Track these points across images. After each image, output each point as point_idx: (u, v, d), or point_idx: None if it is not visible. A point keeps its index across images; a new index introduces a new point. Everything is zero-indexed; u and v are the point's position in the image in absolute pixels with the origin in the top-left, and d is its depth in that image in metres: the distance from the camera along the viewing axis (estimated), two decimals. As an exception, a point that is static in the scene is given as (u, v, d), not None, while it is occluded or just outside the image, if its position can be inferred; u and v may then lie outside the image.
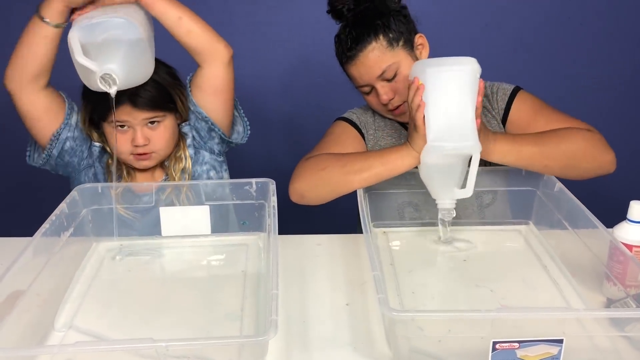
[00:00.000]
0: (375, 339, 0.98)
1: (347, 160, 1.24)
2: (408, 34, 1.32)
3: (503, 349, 0.84)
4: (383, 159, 1.21)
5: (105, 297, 1.11)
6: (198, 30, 1.28)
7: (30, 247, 1.00)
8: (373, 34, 1.29)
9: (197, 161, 1.42)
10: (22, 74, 1.25)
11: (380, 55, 1.29)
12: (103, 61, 1.14)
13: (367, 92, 1.35)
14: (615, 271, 1.01)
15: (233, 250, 1.27)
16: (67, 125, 1.32)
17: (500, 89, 1.37)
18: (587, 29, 2.02)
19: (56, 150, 1.33)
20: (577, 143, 1.22)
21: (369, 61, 1.29)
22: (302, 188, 1.25)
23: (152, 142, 1.32)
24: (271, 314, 0.81)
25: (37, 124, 1.31)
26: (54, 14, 1.19)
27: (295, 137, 2.16)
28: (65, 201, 1.18)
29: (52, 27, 1.20)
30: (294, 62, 2.05)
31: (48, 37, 1.21)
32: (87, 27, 1.14)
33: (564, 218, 1.18)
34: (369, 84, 1.32)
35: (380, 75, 1.30)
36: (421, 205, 1.32)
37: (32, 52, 1.23)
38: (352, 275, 1.17)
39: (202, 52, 1.30)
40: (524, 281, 1.14)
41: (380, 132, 1.42)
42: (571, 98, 2.06)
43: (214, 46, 1.30)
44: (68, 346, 0.80)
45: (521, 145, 1.20)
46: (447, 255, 1.23)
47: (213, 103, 1.37)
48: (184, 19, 1.26)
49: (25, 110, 1.29)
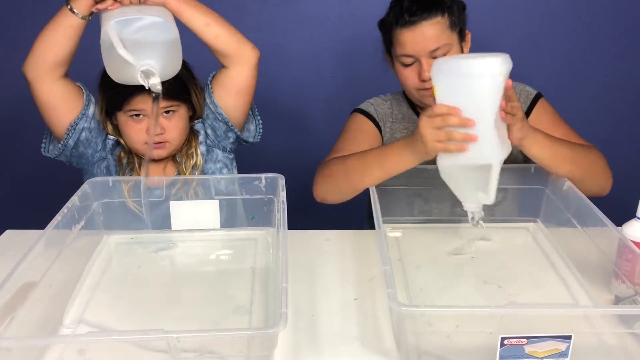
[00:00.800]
0: (383, 334, 0.99)
1: (348, 164, 1.26)
2: (463, 25, 1.33)
3: (511, 345, 0.85)
4: (381, 160, 1.21)
5: (115, 290, 1.12)
6: (225, 35, 1.30)
7: (42, 240, 1.02)
8: (441, 9, 1.28)
9: (211, 159, 1.43)
10: (42, 62, 1.26)
11: (441, 32, 1.28)
12: (140, 57, 1.16)
13: (408, 64, 1.32)
14: (624, 269, 1.01)
15: (242, 245, 1.28)
16: (84, 116, 1.34)
17: (524, 91, 1.38)
18: (596, 28, 2.02)
19: (72, 141, 1.35)
20: (598, 159, 1.28)
21: (429, 32, 1.27)
22: (320, 193, 1.31)
23: (167, 131, 1.34)
24: (281, 306, 0.82)
25: (54, 113, 1.32)
26: (82, 6, 1.21)
27: (304, 133, 2.16)
28: (77, 194, 1.19)
29: (79, 18, 1.22)
30: (304, 58, 2.05)
31: (73, 27, 1.23)
32: (124, 21, 1.15)
33: (572, 216, 1.18)
34: (416, 55, 1.29)
35: (433, 50, 1.28)
36: (431, 198, 1.32)
37: (55, 41, 1.25)
38: (361, 270, 1.18)
39: (229, 56, 1.33)
40: (532, 278, 1.14)
41: (397, 125, 1.42)
42: (580, 96, 2.06)
43: (241, 49, 1.33)
44: (80, 336, 0.81)
45: (558, 144, 1.21)
46: (455, 252, 1.24)
47: (235, 103, 1.39)
48: (212, 24, 1.28)
49: (43, 99, 1.30)
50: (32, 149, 1.35)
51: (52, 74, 1.28)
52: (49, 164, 1.46)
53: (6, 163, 2.17)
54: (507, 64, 1.05)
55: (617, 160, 1.38)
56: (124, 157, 1.38)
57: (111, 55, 1.16)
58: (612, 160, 1.33)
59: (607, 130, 2.06)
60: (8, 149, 2.14)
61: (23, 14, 1.98)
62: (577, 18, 2.01)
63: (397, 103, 1.46)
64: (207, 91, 1.40)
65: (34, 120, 1.40)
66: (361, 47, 2.02)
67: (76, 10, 1.22)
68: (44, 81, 1.28)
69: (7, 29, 1.98)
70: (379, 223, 1.07)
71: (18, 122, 2.04)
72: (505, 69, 1.04)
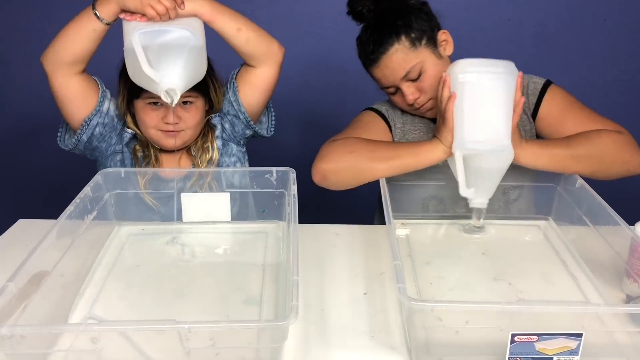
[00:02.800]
0: (392, 328, 0.99)
1: (376, 146, 1.25)
2: (431, 31, 1.30)
3: (522, 342, 0.85)
4: (412, 150, 1.22)
5: (126, 280, 1.13)
6: (255, 38, 1.31)
7: (54, 229, 1.02)
8: (395, 35, 1.27)
9: (226, 153, 1.44)
10: (60, 57, 1.27)
11: (404, 57, 1.28)
12: (164, 71, 1.16)
13: (393, 93, 1.35)
14: (636, 268, 1.01)
15: (252, 238, 1.29)
16: (98, 112, 1.35)
17: (531, 83, 1.35)
18: (610, 25, 2.00)
19: (86, 136, 1.36)
20: (607, 146, 1.21)
21: (392, 63, 1.28)
22: (326, 169, 1.24)
23: (183, 120, 1.34)
24: (292, 299, 0.82)
25: (69, 106, 1.33)
26: (108, 13, 1.22)
27: (315, 127, 2.16)
28: (89, 185, 1.19)
29: (103, 24, 1.23)
30: (315, 52, 2.05)
31: (96, 32, 1.24)
32: (149, 33, 1.16)
33: (584, 214, 1.18)
34: (394, 85, 1.32)
35: (404, 77, 1.29)
36: (446, 198, 1.32)
37: (75, 41, 1.26)
38: (371, 265, 1.18)
39: (258, 57, 1.34)
40: (543, 276, 1.14)
41: (408, 126, 1.41)
42: (592, 94, 2.04)
43: (269, 50, 1.35)
44: (93, 325, 0.81)
45: (552, 149, 1.21)
46: (466, 248, 1.23)
47: (258, 100, 1.41)
48: (243, 29, 1.29)
49: (59, 92, 1.31)
50: (47, 142, 1.36)
51: (69, 70, 1.29)
52: (63, 156, 1.47)
53: (21, 154, 2.19)
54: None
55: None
56: (139, 150, 1.39)
57: (135, 65, 1.17)
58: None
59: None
60: (24, 141, 2.16)
61: (45, 10, 1.99)
62: (592, 15, 2.00)
63: None
64: (232, 88, 1.40)
65: (50, 114, 1.41)
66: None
67: (101, 16, 1.22)
68: (61, 75, 1.29)
69: (28, 25, 2.00)
70: (389, 218, 1.07)
71: (35, 117, 2.06)
72: (517, 72, 1.18)
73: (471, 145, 1.15)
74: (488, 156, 1.15)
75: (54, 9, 1.97)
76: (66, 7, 1.34)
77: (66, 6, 1.35)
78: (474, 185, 1.17)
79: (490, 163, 1.16)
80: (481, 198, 1.19)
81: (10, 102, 2.08)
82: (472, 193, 1.17)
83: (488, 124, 1.16)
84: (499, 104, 1.15)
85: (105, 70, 1.37)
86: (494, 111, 1.16)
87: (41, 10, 1.99)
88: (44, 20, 1.98)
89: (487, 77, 1.16)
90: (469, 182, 1.16)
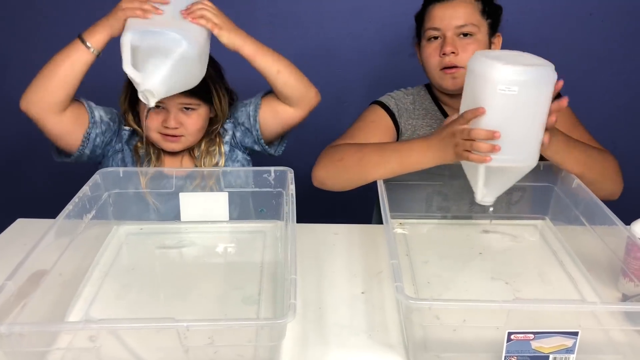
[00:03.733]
0: (390, 327, 0.99)
1: (365, 152, 1.25)
2: (494, 23, 1.36)
3: (518, 340, 0.85)
4: (401, 155, 1.21)
5: (124, 279, 1.13)
6: (294, 83, 1.31)
7: (53, 229, 1.02)
8: None
9: (230, 158, 1.43)
10: (48, 101, 1.23)
11: (472, 12, 1.32)
12: (147, 72, 1.13)
13: (433, 38, 1.34)
14: (631, 267, 1.01)
15: (251, 237, 1.29)
16: (94, 124, 1.33)
17: None
18: (608, 25, 2.01)
19: (88, 150, 1.34)
20: (611, 164, 1.28)
21: (460, 8, 1.31)
22: (322, 176, 1.29)
23: (184, 126, 1.33)
24: (290, 297, 0.82)
25: (66, 137, 1.31)
26: (99, 42, 1.21)
27: (313, 127, 2.16)
28: (88, 184, 1.20)
29: (94, 55, 1.22)
30: (314, 54, 2.05)
31: (87, 64, 1.22)
32: (143, 32, 1.13)
33: (581, 214, 1.18)
34: (444, 29, 1.32)
35: (460, 26, 1.31)
36: (450, 195, 1.33)
37: (65, 79, 1.22)
38: (369, 264, 1.18)
39: (293, 100, 1.34)
40: (540, 275, 1.14)
41: (419, 121, 1.41)
42: (592, 97, 2.05)
43: (305, 96, 1.34)
44: (92, 323, 0.82)
45: (572, 145, 1.22)
46: (463, 247, 1.24)
47: (276, 129, 1.41)
48: (282, 72, 1.29)
49: (51, 131, 1.28)
50: (45, 141, 1.35)
51: (60, 109, 1.25)
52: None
53: (19, 153, 2.19)
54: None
55: (628, 158, 1.38)
56: (141, 148, 1.39)
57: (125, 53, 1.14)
58: (623, 159, 1.33)
59: (618, 127, 2.05)
60: (22, 140, 2.16)
61: (44, 13, 1.99)
62: (589, 16, 2.00)
63: (420, 98, 1.46)
64: (255, 104, 1.39)
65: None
66: (372, 43, 2.02)
67: (91, 45, 1.20)
68: (52, 117, 1.25)
69: (32, 31, 1.99)
70: (386, 217, 1.07)
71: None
72: (554, 76, 1.05)
73: (498, 159, 1.06)
74: (512, 169, 1.10)
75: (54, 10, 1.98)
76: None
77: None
78: (489, 189, 1.13)
79: (513, 176, 1.12)
80: (491, 197, 1.16)
81: (7, 100, 2.08)
82: (484, 194, 1.14)
83: (518, 142, 1.06)
84: (534, 120, 1.06)
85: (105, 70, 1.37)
86: (528, 128, 1.06)
87: (39, 12, 2.00)
88: (41, 21, 1.98)
89: (532, 90, 1.02)
90: (485, 186, 1.13)
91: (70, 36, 1.24)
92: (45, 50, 1.26)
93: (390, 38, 2.00)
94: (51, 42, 1.29)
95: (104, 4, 1.24)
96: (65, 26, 1.31)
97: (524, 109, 1.04)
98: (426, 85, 1.48)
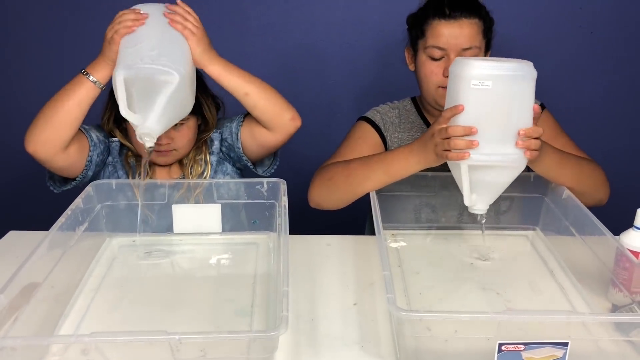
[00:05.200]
0: (382, 338, 1.00)
1: (351, 168, 1.26)
2: (489, 40, 1.37)
3: (509, 351, 0.86)
4: (386, 165, 1.22)
5: (117, 292, 1.13)
6: (264, 106, 1.29)
7: (46, 241, 1.03)
8: (479, 13, 1.32)
9: (220, 170, 1.43)
10: (58, 139, 1.22)
11: (476, 34, 1.31)
12: (145, 112, 1.12)
13: (436, 58, 1.32)
14: (621, 277, 1.02)
15: (243, 249, 1.29)
16: (94, 147, 1.32)
17: None
18: (597, 36, 2.03)
19: (91, 171, 1.34)
20: (598, 173, 1.30)
21: (466, 30, 1.30)
22: (316, 197, 1.31)
23: (174, 140, 1.34)
24: (282, 310, 0.83)
25: (72, 168, 1.31)
26: (105, 77, 1.20)
27: (306, 138, 2.17)
28: (81, 196, 1.20)
29: (100, 88, 1.21)
30: (305, 65, 2.06)
31: (94, 99, 1.22)
32: (134, 69, 1.11)
33: (571, 224, 1.20)
34: (449, 50, 1.30)
35: (465, 49, 1.30)
36: (438, 207, 1.34)
37: (74, 115, 1.21)
38: (361, 275, 1.19)
39: (266, 124, 1.31)
40: (530, 285, 1.15)
41: (405, 134, 1.42)
42: (580, 106, 2.07)
43: (278, 121, 1.30)
44: (84, 336, 0.81)
45: (565, 158, 1.23)
46: (455, 259, 1.25)
47: (257, 151, 1.40)
48: (250, 94, 1.27)
49: (60, 167, 1.28)
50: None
51: (67, 146, 1.23)
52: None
53: (11, 165, 2.19)
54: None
55: (616, 169, 1.39)
56: (132, 157, 1.39)
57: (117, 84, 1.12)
58: (611, 169, 1.34)
59: (606, 138, 2.07)
60: (14, 151, 2.16)
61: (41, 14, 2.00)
62: (579, 27, 2.02)
63: (406, 111, 1.46)
64: (237, 122, 1.39)
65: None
66: (364, 54, 2.03)
67: (98, 81, 1.20)
68: (60, 155, 1.24)
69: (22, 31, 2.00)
70: (379, 228, 1.08)
71: (26, 126, 2.05)
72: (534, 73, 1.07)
73: (479, 158, 1.07)
74: (497, 169, 1.09)
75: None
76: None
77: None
78: (478, 193, 1.13)
79: (498, 176, 1.11)
80: (482, 205, 1.15)
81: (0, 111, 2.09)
82: (475, 201, 1.13)
83: (498, 138, 1.06)
84: (512, 116, 1.05)
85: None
86: (506, 124, 1.05)
87: (36, 14, 2.00)
88: (41, 23, 1.98)
89: (506, 85, 1.03)
90: (473, 190, 1.12)
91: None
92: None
93: (381, 49, 2.02)
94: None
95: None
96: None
97: (499, 103, 1.04)
98: (412, 98, 1.49)
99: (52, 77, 1.38)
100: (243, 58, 1.38)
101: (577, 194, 1.23)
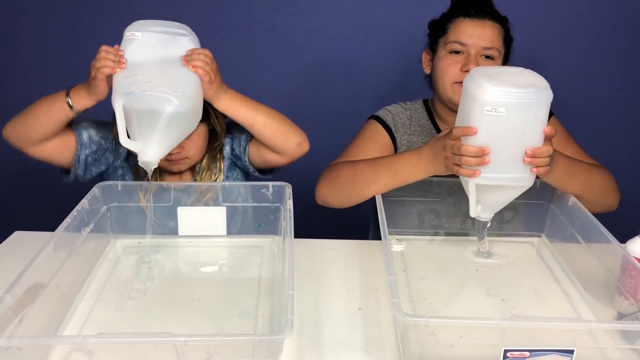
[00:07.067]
0: (386, 343, 0.99)
1: (357, 169, 1.26)
2: (508, 51, 1.38)
3: (514, 357, 0.86)
4: (393, 169, 1.22)
5: (122, 293, 1.13)
6: (270, 135, 1.30)
7: (52, 242, 1.03)
8: (501, 20, 1.35)
9: (232, 176, 1.44)
10: (28, 137, 1.27)
11: (497, 36, 1.34)
12: (145, 139, 1.12)
13: (456, 51, 1.33)
14: (627, 285, 1.02)
15: (248, 252, 1.29)
16: (82, 147, 1.33)
17: None
18: (602, 44, 2.03)
19: (81, 170, 1.35)
20: (608, 179, 1.30)
21: (489, 30, 1.33)
22: (323, 194, 1.32)
23: (186, 149, 1.33)
24: (287, 313, 0.83)
25: (54, 161, 1.34)
26: (82, 106, 1.23)
27: (311, 142, 2.17)
28: (87, 198, 1.20)
29: (74, 112, 1.24)
30: (312, 68, 2.07)
31: (68, 118, 1.25)
32: (134, 95, 1.11)
33: (577, 232, 1.19)
34: (469, 47, 1.32)
35: (486, 48, 1.32)
36: (442, 213, 1.34)
37: (46, 124, 1.25)
38: (366, 280, 1.19)
39: (272, 149, 1.32)
40: (536, 292, 1.15)
41: (415, 137, 1.42)
42: (587, 113, 2.07)
43: (284, 147, 1.31)
44: (89, 337, 0.82)
45: (575, 166, 1.23)
46: (460, 264, 1.25)
47: (263, 166, 1.41)
48: (256, 125, 1.28)
49: (35, 157, 1.31)
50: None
51: (38, 144, 1.28)
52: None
53: (17, 166, 2.19)
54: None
55: (622, 176, 1.39)
56: None
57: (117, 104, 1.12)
58: (616, 176, 1.34)
59: (611, 145, 2.06)
60: (20, 152, 2.16)
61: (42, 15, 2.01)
62: (585, 34, 2.03)
63: (417, 114, 1.46)
64: (247, 135, 1.38)
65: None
66: (369, 58, 2.04)
67: (74, 106, 1.22)
68: (31, 148, 1.29)
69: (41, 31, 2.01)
70: (384, 233, 1.08)
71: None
72: (549, 95, 1.05)
73: (488, 176, 1.07)
74: (504, 187, 1.10)
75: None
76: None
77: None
78: (483, 204, 1.14)
79: (506, 193, 1.12)
80: (487, 214, 1.17)
81: (6, 112, 2.09)
82: (480, 211, 1.15)
83: (508, 161, 1.06)
84: (524, 141, 1.05)
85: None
86: (517, 149, 1.05)
87: (35, 16, 2.01)
88: (41, 24, 1.99)
89: (520, 110, 1.02)
90: (479, 202, 1.13)
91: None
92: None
93: (388, 54, 2.02)
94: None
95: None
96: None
97: (511, 130, 1.04)
98: (424, 101, 1.49)
99: (60, 77, 1.38)
100: (249, 63, 1.39)
101: (586, 201, 1.23)
